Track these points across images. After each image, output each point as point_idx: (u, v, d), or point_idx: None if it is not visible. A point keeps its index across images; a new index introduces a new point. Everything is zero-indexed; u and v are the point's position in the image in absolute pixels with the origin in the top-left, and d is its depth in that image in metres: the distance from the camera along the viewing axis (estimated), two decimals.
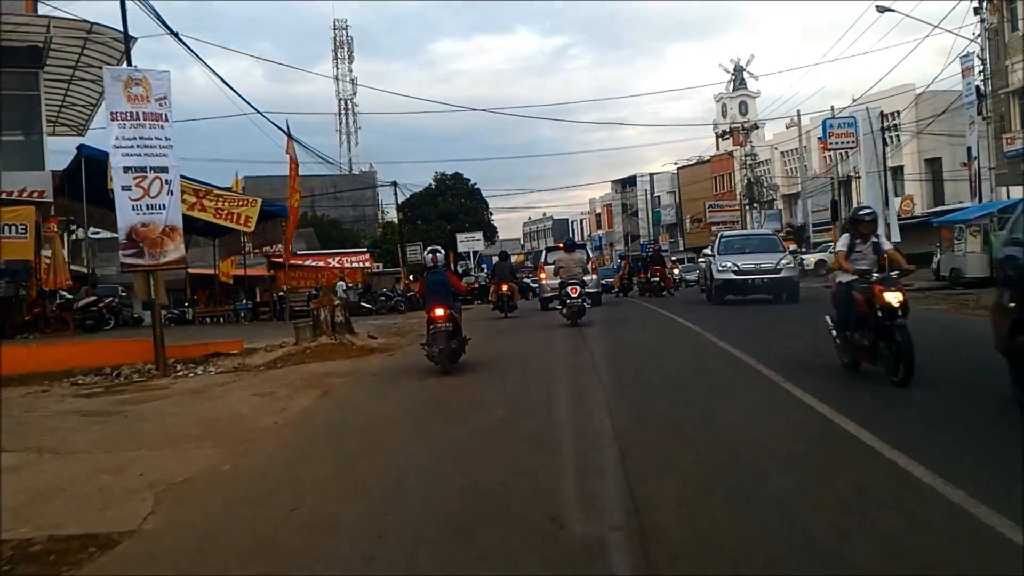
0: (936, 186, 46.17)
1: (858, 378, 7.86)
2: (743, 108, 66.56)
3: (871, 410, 6.35)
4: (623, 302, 25.87)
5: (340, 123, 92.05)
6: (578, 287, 15.41)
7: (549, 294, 20.43)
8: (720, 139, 67.35)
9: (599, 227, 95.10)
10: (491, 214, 49.87)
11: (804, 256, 39.08)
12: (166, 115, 11.70)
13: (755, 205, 47.36)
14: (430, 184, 50.01)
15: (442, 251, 10.79)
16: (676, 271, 32.25)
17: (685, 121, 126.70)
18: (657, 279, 27.05)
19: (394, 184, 36.43)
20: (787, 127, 58.04)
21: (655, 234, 75.39)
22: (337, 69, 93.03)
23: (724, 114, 68.21)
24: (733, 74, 68.04)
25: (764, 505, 4.21)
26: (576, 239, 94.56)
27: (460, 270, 39.92)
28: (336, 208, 66.21)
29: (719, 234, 24.82)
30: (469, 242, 40.02)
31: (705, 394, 7.87)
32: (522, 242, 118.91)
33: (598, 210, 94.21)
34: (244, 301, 28.22)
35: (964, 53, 31.63)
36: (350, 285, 30.91)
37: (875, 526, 3.83)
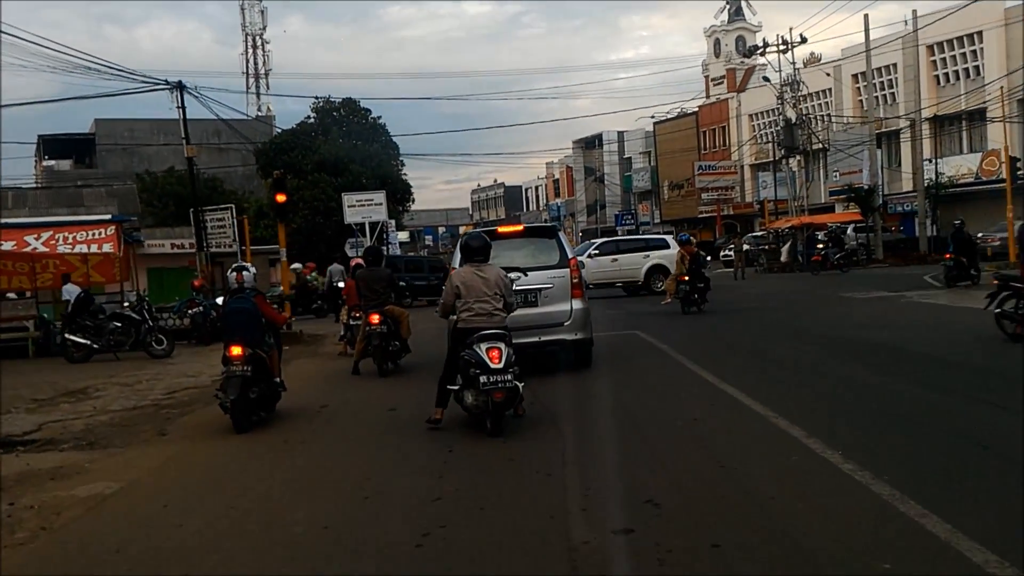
0: None
1: None
2: (740, 44, 52.98)
3: None
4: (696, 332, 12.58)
5: (246, 63, 77.02)
6: (502, 346, 6.25)
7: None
8: (712, 84, 53.81)
9: (558, 195, 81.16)
10: (403, 164, 32.25)
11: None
12: None
13: (793, 157, 33.67)
14: (308, 117, 32.10)
15: (252, 269, 8.03)
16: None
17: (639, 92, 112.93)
18: None
19: (179, 86, 19.82)
20: (805, 64, 44.87)
21: (627, 202, 61.98)
22: None
23: (717, 53, 54.63)
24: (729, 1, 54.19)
25: None
26: (537, 217, 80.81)
27: (351, 252, 25.83)
28: (222, 162, 51.25)
29: None
30: (363, 207, 24.68)
31: None
32: (471, 212, 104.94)
33: (556, 174, 79.95)
34: None
35: None
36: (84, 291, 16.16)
37: None
